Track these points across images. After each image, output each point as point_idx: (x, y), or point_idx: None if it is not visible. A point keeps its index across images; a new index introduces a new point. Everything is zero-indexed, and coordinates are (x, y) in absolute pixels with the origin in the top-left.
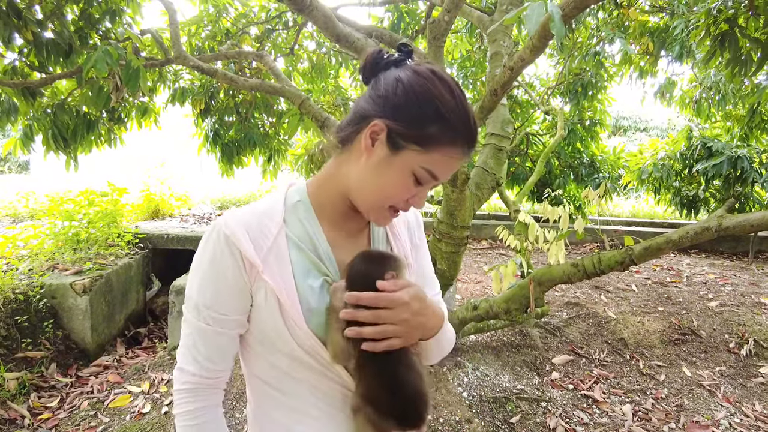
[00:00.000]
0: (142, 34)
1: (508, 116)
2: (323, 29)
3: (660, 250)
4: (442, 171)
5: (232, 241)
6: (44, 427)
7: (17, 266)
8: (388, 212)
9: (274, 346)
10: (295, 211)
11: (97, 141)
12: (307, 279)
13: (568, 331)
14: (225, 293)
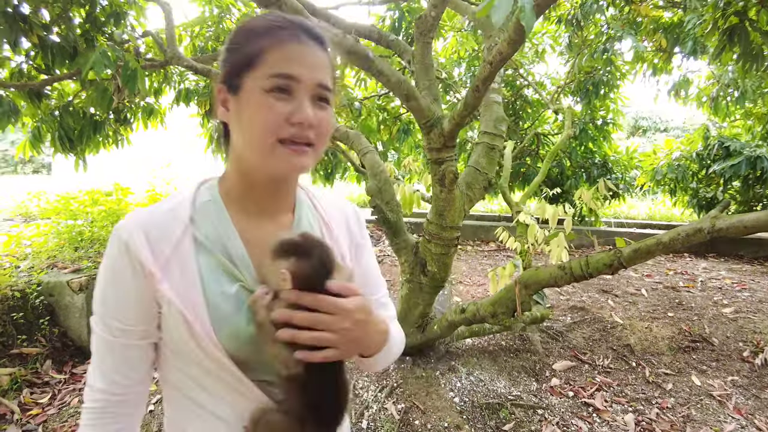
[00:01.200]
0: (144, 35)
1: (502, 114)
2: None
3: (650, 252)
4: (287, 66)
5: (129, 246)
6: (32, 423)
7: (19, 264)
8: (283, 149)
9: (185, 355)
10: (205, 209)
11: (104, 142)
12: (219, 286)
13: (572, 336)
14: (127, 303)
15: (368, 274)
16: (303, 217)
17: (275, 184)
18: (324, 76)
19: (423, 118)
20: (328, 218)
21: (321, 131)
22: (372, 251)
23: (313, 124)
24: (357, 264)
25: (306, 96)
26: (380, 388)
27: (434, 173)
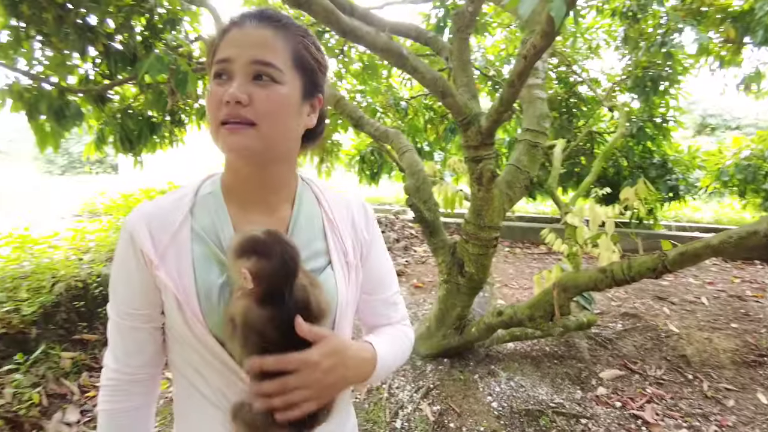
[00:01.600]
0: (197, 40)
1: (546, 110)
2: (327, 23)
3: (697, 256)
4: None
5: (133, 236)
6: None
7: (82, 257)
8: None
9: (183, 341)
10: (205, 201)
11: (160, 142)
12: (208, 275)
13: (621, 344)
14: (133, 289)
15: (376, 271)
16: (302, 211)
17: (255, 174)
18: (262, 53)
19: (460, 116)
20: (332, 213)
21: (260, 108)
22: (382, 248)
23: (241, 100)
24: (364, 261)
25: (240, 75)
26: (416, 388)
27: (471, 172)
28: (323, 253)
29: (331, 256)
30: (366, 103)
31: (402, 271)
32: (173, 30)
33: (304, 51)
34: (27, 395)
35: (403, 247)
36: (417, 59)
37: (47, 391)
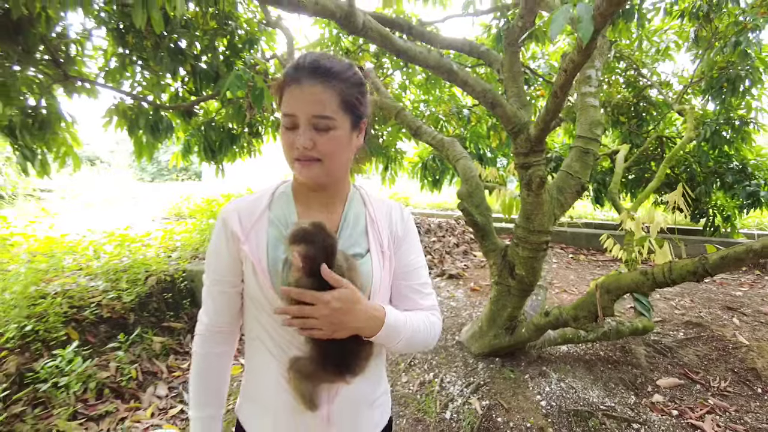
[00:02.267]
0: (272, 58)
1: (598, 117)
2: (383, 46)
3: (739, 260)
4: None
5: (226, 221)
6: (175, 382)
7: (170, 254)
8: (297, 164)
9: (255, 302)
10: (280, 198)
11: (239, 152)
12: (276, 251)
13: (683, 353)
14: (222, 261)
15: (407, 261)
16: (351, 210)
17: (317, 186)
18: (318, 109)
19: (509, 125)
20: (374, 213)
21: (322, 149)
22: (415, 245)
23: (308, 147)
24: (396, 251)
25: (304, 126)
26: (466, 384)
27: (521, 177)
28: (364, 243)
29: (370, 246)
30: (429, 112)
31: (460, 275)
32: (251, 49)
33: (348, 94)
34: (127, 370)
35: (463, 252)
36: (467, 73)
37: (142, 368)
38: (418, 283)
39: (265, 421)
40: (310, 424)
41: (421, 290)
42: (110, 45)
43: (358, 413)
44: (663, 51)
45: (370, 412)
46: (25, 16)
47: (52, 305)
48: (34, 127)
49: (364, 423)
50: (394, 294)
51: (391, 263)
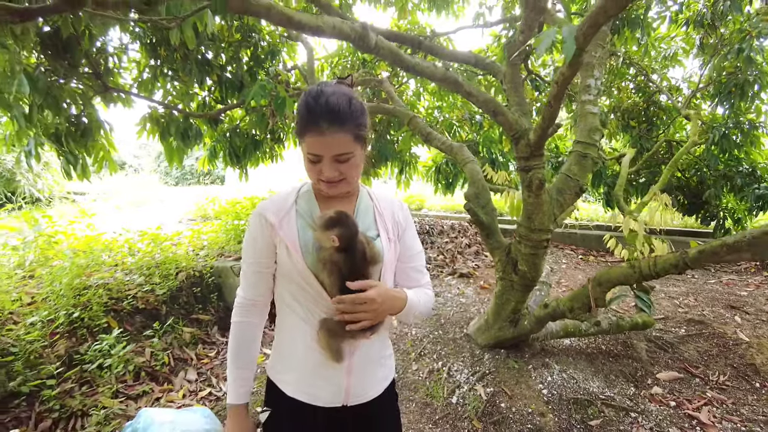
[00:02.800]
0: (293, 69)
1: (596, 124)
2: (393, 62)
3: (715, 254)
4: (313, 149)
5: (262, 214)
6: (203, 368)
7: (198, 252)
8: (323, 184)
9: (287, 277)
10: (303, 196)
11: (262, 157)
12: (305, 235)
13: (683, 349)
14: (257, 247)
15: (409, 247)
16: (362, 204)
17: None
18: (339, 149)
19: (511, 131)
20: (380, 207)
21: (346, 173)
22: (413, 234)
23: (333, 178)
24: (400, 238)
25: (328, 162)
26: (473, 372)
27: (523, 180)
28: (375, 229)
29: (379, 231)
30: (443, 118)
31: (471, 273)
32: (273, 60)
33: (357, 130)
34: (160, 356)
35: (474, 252)
36: (470, 85)
37: (173, 355)
38: (419, 264)
39: (292, 376)
40: (333, 376)
41: (421, 270)
42: (143, 57)
43: (371, 367)
44: (671, 57)
45: (379, 367)
46: (72, 35)
47: (94, 296)
48: (76, 134)
49: (374, 376)
50: (399, 274)
51: (395, 247)
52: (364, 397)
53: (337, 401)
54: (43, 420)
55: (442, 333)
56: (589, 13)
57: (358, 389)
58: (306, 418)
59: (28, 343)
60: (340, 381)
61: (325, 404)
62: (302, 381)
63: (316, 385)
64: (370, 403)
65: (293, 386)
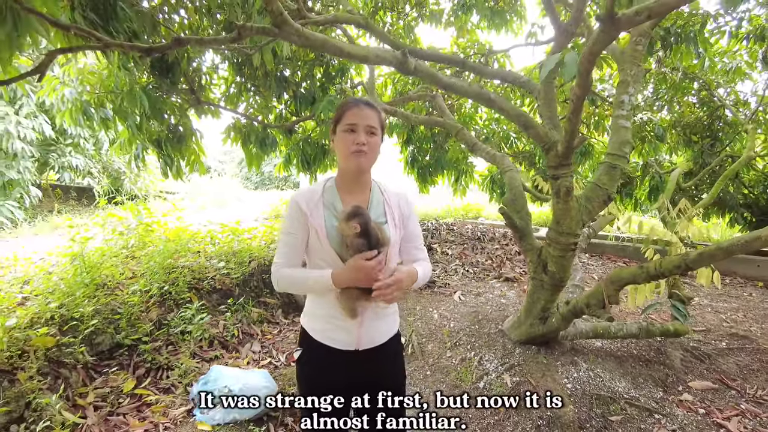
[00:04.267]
0: (357, 85)
1: (627, 138)
2: (431, 83)
3: (712, 256)
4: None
5: (297, 202)
6: (266, 342)
7: (269, 245)
8: (352, 155)
9: (316, 255)
10: (328, 190)
11: (330, 164)
12: (330, 222)
13: (722, 361)
14: (294, 222)
15: (410, 231)
16: (374, 196)
17: (354, 177)
18: (370, 121)
19: (542, 142)
20: (389, 198)
21: (371, 146)
22: (415, 219)
23: (364, 142)
24: (404, 225)
25: (361, 131)
26: (502, 363)
27: (552, 187)
28: (384, 216)
29: (387, 218)
30: (501, 130)
31: (516, 278)
32: (343, 77)
33: (382, 121)
34: (231, 329)
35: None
36: (503, 101)
37: (242, 330)
38: (418, 243)
39: (321, 324)
40: (349, 326)
41: (420, 248)
42: (231, 75)
43: (376, 322)
44: (735, 71)
45: (383, 322)
46: (174, 58)
47: (180, 275)
48: (173, 140)
49: (379, 328)
50: (402, 251)
51: (400, 231)
52: (371, 344)
53: (351, 345)
54: (138, 368)
55: (479, 328)
56: (587, 44)
57: (367, 338)
58: (328, 356)
59: (130, 307)
60: (353, 331)
61: (342, 347)
62: (326, 329)
63: (335, 333)
64: (376, 348)
65: (320, 333)
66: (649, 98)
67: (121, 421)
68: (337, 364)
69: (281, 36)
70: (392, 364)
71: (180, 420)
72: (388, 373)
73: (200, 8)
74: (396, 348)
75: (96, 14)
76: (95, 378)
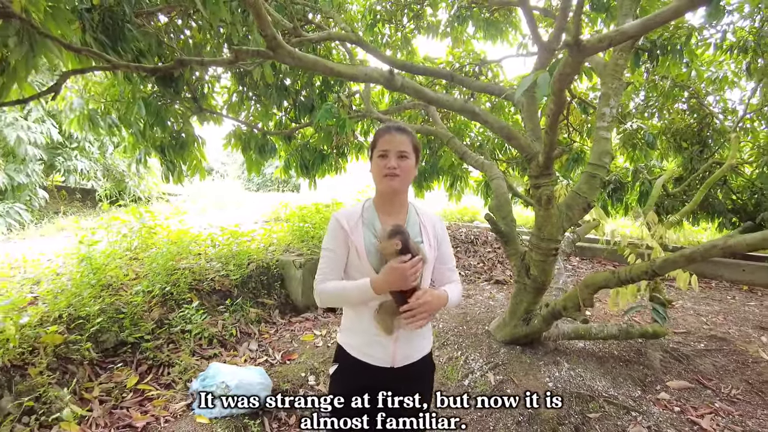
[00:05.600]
0: (353, 95)
1: (608, 149)
2: (417, 98)
3: (675, 263)
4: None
5: (339, 221)
6: (263, 341)
7: (268, 247)
8: (385, 178)
9: (356, 271)
10: (368, 209)
11: (328, 169)
12: (370, 240)
13: (699, 362)
14: (336, 242)
15: (444, 253)
16: (411, 218)
17: (390, 198)
18: (402, 147)
19: (523, 152)
20: (424, 221)
21: (403, 169)
22: (448, 242)
23: (395, 167)
24: (438, 247)
25: (393, 156)
26: (487, 362)
27: (534, 195)
28: (420, 236)
29: (423, 238)
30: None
31: (506, 281)
32: (341, 86)
33: (414, 143)
34: (229, 328)
35: None
36: (487, 114)
37: (240, 329)
38: (451, 266)
39: (357, 340)
40: (385, 342)
41: (453, 270)
42: (233, 84)
43: (412, 340)
44: (722, 80)
45: (419, 340)
46: None
47: (181, 276)
48: (176, 146)
49: (415, 346)
50: (436, 273)
51: (434, 252)
52: (406, 360)
53: (386, 362)
54: (141, 365)
55: (466, 328)
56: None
57: (402, 355)
58: (364, 372)
59: (133, 307)
60: (389, 347)
61: (377, 364)
62: (362, 345)
63: (372, 348)
64: (411, 365)
65: (356, 349)
66: (640, 105)
67: (125, 414)
68: (373, 381)
69: (276, 58)
70: (424, 381)
71: (180, 414)
72: (418, 390)
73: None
74: (429, 366)
75: (105, 36)
76: (100, 374)
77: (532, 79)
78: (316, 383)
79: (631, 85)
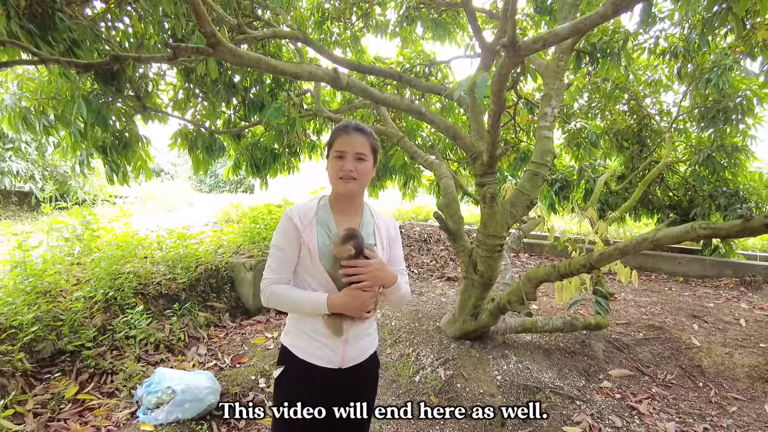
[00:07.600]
0: (304, 93)
1: (550, 147)
2: (364, 97)
3: (611, 256)
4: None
5: (291, 218)
6: (213, 346)
7: (217, 249)
8: (340, 180)
9: (305, 271)
10: (322, 208)
11: (280, 168)
12: (323, 240)
13: (638, 351)
14: (286, 238)
15: (395, 255)
16: (365, 219)
17: (345, 199)
18: (359, 148)
19: (468, 152)
20: (378, 222)
21: (360, 172)
22: (399, 243)
23: (352, 170)
24: (390, 249)
25: (350, 158)
26: (438, 358)
27: (479, 193)
28: (373, 238)
29: (376, 240)
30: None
31: (457, 278)
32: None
33: (373, 145)
34: (177, 333)
35: None
36: (434, 114)
37: (188, 334)
38: (401, 267)
39: (304, 342)
40: (333, 344)
41: (402, 272)
42: (179, 81)
43: (361, 338)
44: (656, 83)
45: (366, 338)
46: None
47: (126, 281)
48: (119, 146)
49: (363, 346)
50: None
51: (387, 254)
52: (355, 361)
53: (334, 364)
54: (81, 374)
55: (418, 325)
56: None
57: (350, 356)
58: (310, 374)
59: (73, 313)
60: (338, 349)
61: (325, 365)
62: (310, 347)
63: (320, 350)
64: (359, 365)
65: (303, 351)
66: (584, 106)
67: (62, 426)
68: (319, 382)
69: (216, 55)
70: (370, 379)
71: (123, 422)
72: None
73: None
74: (375, 366)
75: (34, 24)
76: (35, 385)
77: (472, 80)
78: (266, 386)
79: (574, 86)
